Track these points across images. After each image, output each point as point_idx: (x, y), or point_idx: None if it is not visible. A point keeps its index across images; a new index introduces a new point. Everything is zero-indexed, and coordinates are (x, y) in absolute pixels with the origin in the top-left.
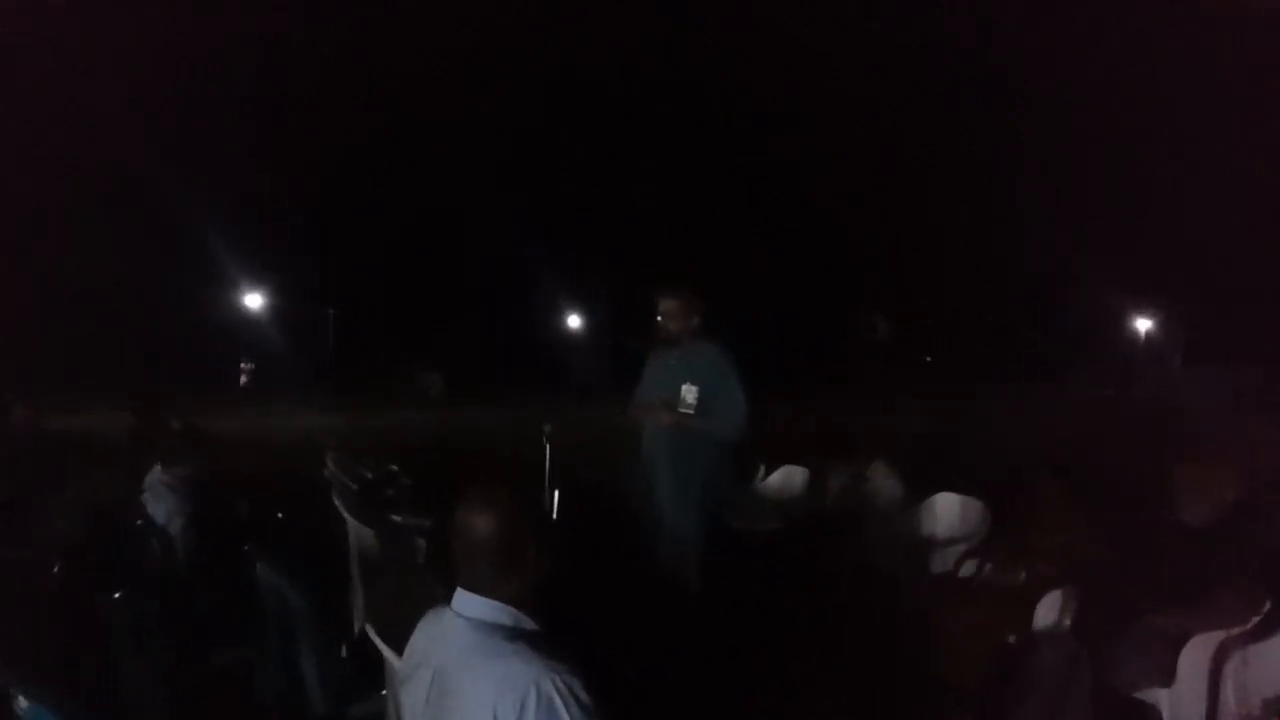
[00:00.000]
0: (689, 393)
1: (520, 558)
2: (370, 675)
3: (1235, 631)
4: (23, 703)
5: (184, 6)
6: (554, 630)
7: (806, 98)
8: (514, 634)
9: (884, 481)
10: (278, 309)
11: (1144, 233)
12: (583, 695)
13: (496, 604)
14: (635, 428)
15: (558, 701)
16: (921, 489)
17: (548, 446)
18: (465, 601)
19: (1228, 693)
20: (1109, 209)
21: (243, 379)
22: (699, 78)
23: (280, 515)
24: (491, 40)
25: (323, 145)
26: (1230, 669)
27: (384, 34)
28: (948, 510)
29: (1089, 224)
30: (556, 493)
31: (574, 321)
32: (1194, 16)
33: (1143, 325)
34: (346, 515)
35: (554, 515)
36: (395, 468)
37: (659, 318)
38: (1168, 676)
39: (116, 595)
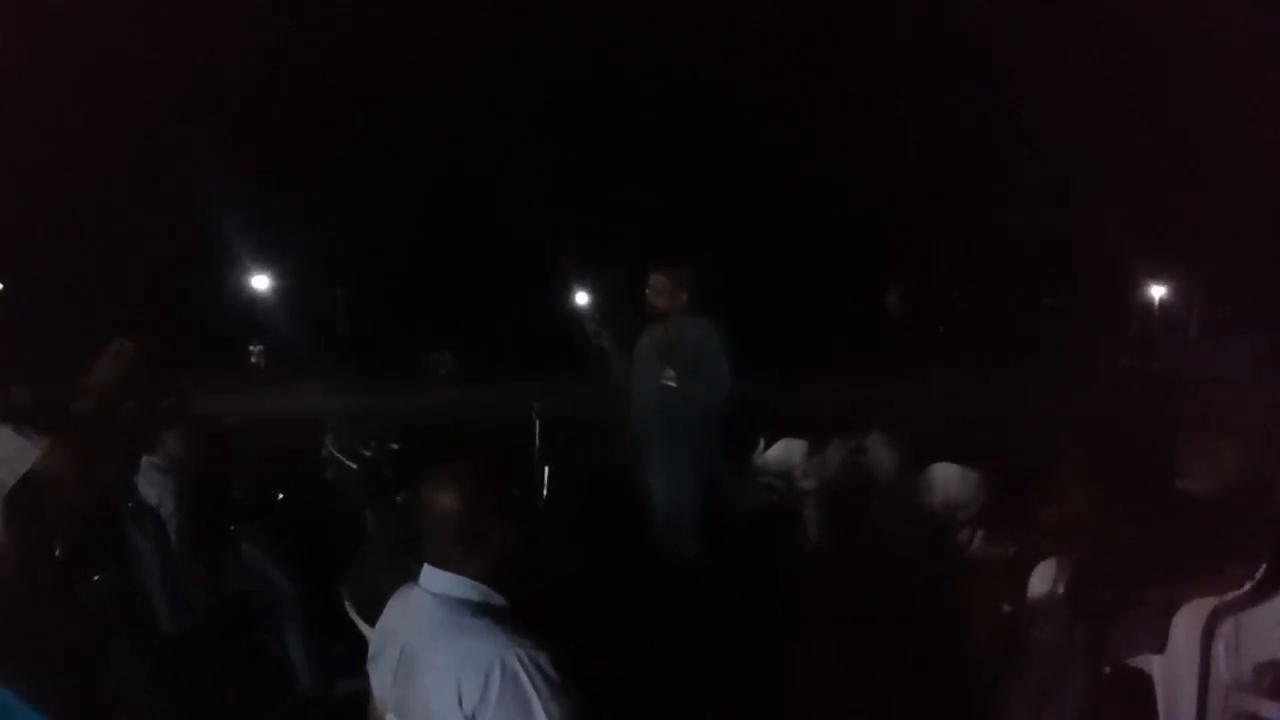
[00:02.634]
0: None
1: (485, 534)
2: (357, 652)
3: (1229, 597)
4: None
5: None
6: (535, 606)
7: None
8: (481, 610)
9: (883, 453)
10: (285, 288)
11: (1160, 198)
12: (550, 670)
13: (463, 579)
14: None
15: (523, 677)
16: (921, 460)
17: (538, 423)
18: (432, 577)
19: (1219, 658)
20: (1123, 174)
21: (253, 359)
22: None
23: (278, 495)
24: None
25: (332, 126)
26: (1222, 635)
27: (393, 16)
28: (946, 481)
29: (1103, 189)
30: (547, 469)
31: (580, 299)
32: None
33: (1159, 293)
34: (342, 494)
35: (545, 491)
36: (396, 446)
37: (648, 293)
38: (1160, 643)
39: (95, 578)
